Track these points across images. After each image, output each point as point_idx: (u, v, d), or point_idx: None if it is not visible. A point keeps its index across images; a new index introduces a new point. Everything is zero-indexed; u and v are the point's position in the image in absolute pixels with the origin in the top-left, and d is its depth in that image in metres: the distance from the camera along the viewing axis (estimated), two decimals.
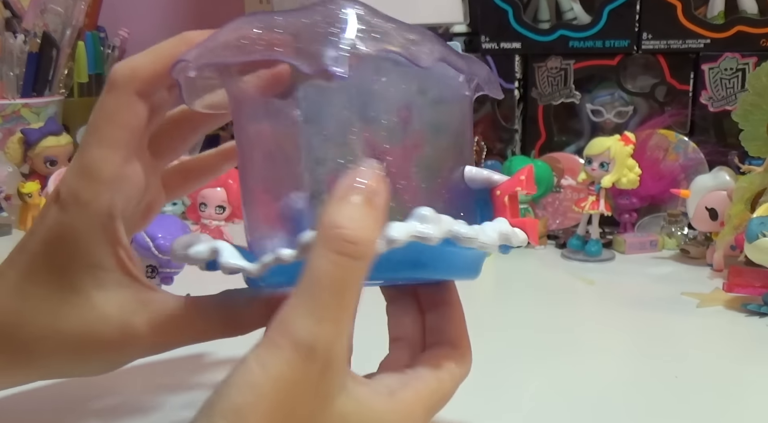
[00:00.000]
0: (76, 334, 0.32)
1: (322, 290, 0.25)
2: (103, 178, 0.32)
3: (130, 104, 0.32)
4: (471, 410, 0.40)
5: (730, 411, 0.43)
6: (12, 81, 0.95)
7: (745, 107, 0.65)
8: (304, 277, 0.26)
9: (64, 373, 0.36)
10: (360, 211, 0.26)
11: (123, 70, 0.32)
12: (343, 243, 0.25)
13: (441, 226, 0.28)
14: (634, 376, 0.48)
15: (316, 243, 0.26)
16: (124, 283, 0.33)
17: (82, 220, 0.32)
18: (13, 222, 0.83)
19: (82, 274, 0.32)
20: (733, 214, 0.65)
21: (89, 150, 0.32)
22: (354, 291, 0.26)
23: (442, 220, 0.28)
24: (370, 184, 0.27)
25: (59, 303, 0.32)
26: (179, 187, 0.40)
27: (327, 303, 0.25)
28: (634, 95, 0.84)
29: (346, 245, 0.25)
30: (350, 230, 0.25)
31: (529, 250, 0.75)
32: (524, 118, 0.88)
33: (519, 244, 0.31)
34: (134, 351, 0.34)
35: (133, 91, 0.32)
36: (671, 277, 0.68)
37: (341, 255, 0.25)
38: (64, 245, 0.32)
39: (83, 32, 1.06)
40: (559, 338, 0.54)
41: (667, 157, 0.78)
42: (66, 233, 0.32)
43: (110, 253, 0.32)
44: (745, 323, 0.56)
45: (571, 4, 0.85)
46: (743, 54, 0.77)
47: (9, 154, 0.82)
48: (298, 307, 0.25)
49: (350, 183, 0.27)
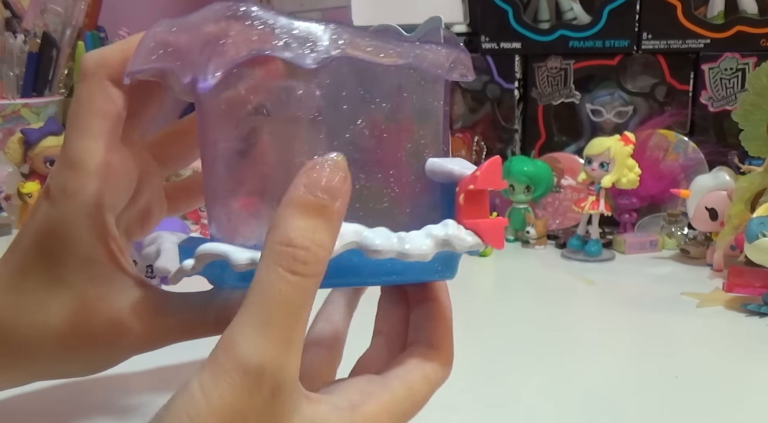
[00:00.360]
0: (68, 329, 0.32)
1: (271, 309, 0.24)
2: (88, 168, 0.31)
3: (103, 91, 0.31)
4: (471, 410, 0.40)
5: (730, 411, 0.43)
6: (12, 81, 0.95)
7: (745, 107, 0.65)
8: (252, 292, 0.24)
9: (61, 371, 0.35)
10: (313, 224, 0.24)
11: (93, 57, 0.32)
12: (293, 261, 0.24)
13: (342, 238, 0.26)
14: (634, 375, 0.48)
15: (264, 256, 0.24)
16: (117, 277, 0.32)
17: (70, 212, 0.31)
18: (13, 222, 0.83)
19: (72, 268, 0.32)
20: (733, 214, 0.65)
21: (71, 141, 0.32)
22: (306, 308, 0.24)
23: (342, 233, 0.26)
24: (326, 186, 0.24)
25: (51, 298, 0.32)
26: (182, 201, 0.40)
27: (277, 321, 0.24)
28: (634, 95, 0.84)
29: (297, 264, 0.24)
30: (302, 250, 0.24)
31: (529, 250, 0.75)
32: (524, 118, 0.88)
33: (468, 250, 0.28)
34: (127, 347, 0.33)
35: (104, 78, 0.31)
36: (671, 277, 0.68)
37: (292, 273, 0.24)
38: (54, 239, 0.32)
39: (83, 32, 1.06)
40: (559, 338, 0.54)
41: (667, 157, 0.78)
42: (56, 227, 0.32)
43: (101, 246, 0.32)
44: (745, 323, 0.56)
45: (571, 4, 0.85)
46: (743, 54, 0.77)
47: (9, 154, 0.82)
48: (245, 326, 0.24)
49: (305, 184, 0.24)
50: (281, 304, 0.24)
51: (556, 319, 0.58)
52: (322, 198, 0.24)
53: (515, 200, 0.77)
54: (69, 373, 0.36)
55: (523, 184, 0.76)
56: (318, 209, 0.24)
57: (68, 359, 0.33)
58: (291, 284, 0.24)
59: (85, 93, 0.32)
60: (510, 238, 0.77)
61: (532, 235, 0.75)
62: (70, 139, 0.32)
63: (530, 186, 0.76)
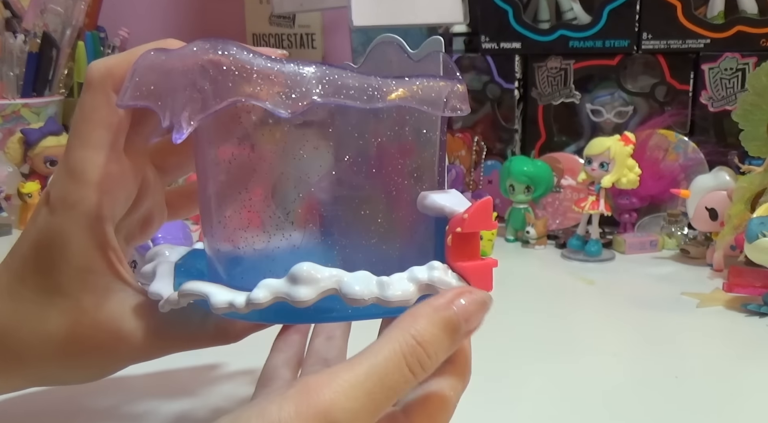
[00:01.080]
0: (66, 338, 0.32)
1: (376, 386, 0.25)
2: (89, 180, 0.31)
3: (108, 102, 0.31)
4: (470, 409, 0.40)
5: (730, 411, 0.43)
6: (12, 81, 0.95)
7: (745, 107, 0.66)
8: (368, 359, 0.25)
9: (59, 378, 0.35)
10: (443, 339, 0.26)
11: (98, 68, 0.32)
12: (416, 361, 0.26)
13: (317, 285, 0.26)
14: (634, 375, 0.48)
15: (394, 335, 0.26)
16: (115, 287, 0.32)
17: (70, 222, 0.31)
18: (13, 222, 0.83)
19: (71, 277, 0.32)
20: (733, 214, 0.65)
21: (73, 151, 0.32)
22: (396, 397, 0.26)
23: (318, 279, 0.27)
24: (470, 318, 0.27)
25: (49, 307, 0.32)
26: (183, 207, 0.40)
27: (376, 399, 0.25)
28: (634, 95, 0.84)
29: (417, 365, 0.26)
30: (426, 356, 0.26)
31: (529, 250, 0.75)
32: (524, 118, 0.88)
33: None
34: (126, 357, 0.33)
35: (109, 89, 0.31)
36: (671, 277, 0.68)
37: (410, 370, 0.26)
38: (53, 248, 0.32)
39: (83, 32, 1.06)
40: (559, 338, 0.54)
41: (667, 157, 0.78)
42: (55, 236, 0.32)
43: (99, 256, 0.32)
44: (745, 323, 0.56)
45: (571, 4, 0.85)
46: (743, 54, 0.77)
47: (9, 154, 0.82)
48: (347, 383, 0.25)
49: (457, 304, 0.27)
50: (388, 389, 0.25)
51: (555, 319, 0.58)
52: (462, 325, 0.27)
53: (515, 200, 0.77)
54: (66, 380, 0.36)
55: (523, 184, 0.76)
56: (455, 331, 0.27)
57: (65, 367, 0.33)
58: (404, 377, 0.25)
59: (89, 103, 0.32)
60: (510, 238, 0.77)
61: (532, 235, 0.75)
62: (72, 149, 0.32)
63: (530, 186, 0.76)
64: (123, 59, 0.32)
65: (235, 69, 0.26)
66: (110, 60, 0.32)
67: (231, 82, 0.26)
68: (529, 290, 0.65)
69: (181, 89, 0.27)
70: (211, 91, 0.26)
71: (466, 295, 0.27)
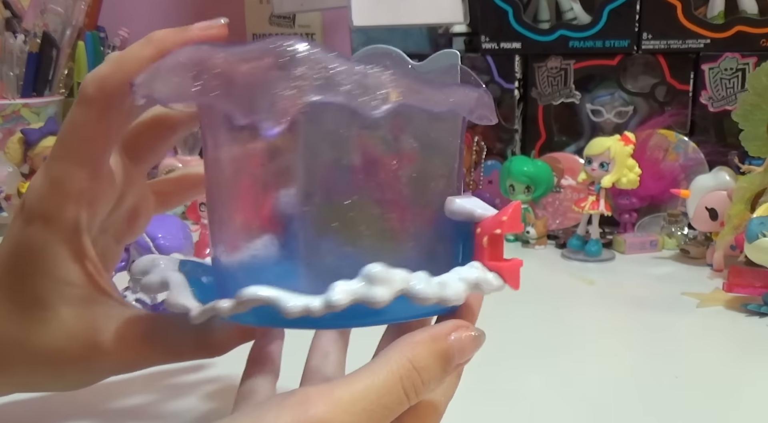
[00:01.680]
0: (44, 349, 0.32)
1: (374, 406, 0.25)
2: (68, 193, 0.31)
3: (99, 118, 0.31)
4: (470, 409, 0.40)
5: (729, 410, 0.43)
6: (12, 81, 0.95)
7: (745, 107, 0.65)
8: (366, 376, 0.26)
9: (40, 387, 0.35)
10: (437, 369, 0.27)
11: (92, 83, 0.31)
12: (411, 386, 0.26)
13: (392, 286, 0.26)
14: (634, 375, 0.48)
15: (394, 357, 0.27)
16: (93, 299, 0.32)
17: (47, 234, 0.31)
18: None
19: (48, 289, 0.31)
20: (733, 214, 0.65)
21: (56, 162, 0.31)
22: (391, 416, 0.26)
23: (392, 280, 0.26)
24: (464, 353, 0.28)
25: (26, 318, 0.32)
26: (173, 195, 0.39)
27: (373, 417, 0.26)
28: (634, 95, 0.84)
29: (411, 390, 0.26)
30: (421, 382, 0.27)
31: (529, 250, 0.75)
32: (524, 118, 0.88)
33: (494, 290, 0.30)
34: (104, 368, 0.33)
35: (102, 106, 0.31)
36: (671, 277, 0.68)
37: (405, 393, 0.26)
38: (30, 259, 0.31)
39: (83, 32, 1.06)
40: (559, 338, 0.54)
41: (667, 157, 0.78)
42: (32, 246, 0.31)
43: (77, 269, 0.31)
44: (745, 323, 0.56)
45: (571, 4, 0.85)
46: (743, 54, 0.77)
47: (9, 154, 0.82)
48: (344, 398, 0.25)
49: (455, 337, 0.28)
50: (384, 407, 0.26)
51: (555, 319, 0.58)
52: (456, 357, 0.28)
53: (515, 200, 0.77)
54: (53, 387, 0.35)
55: (523, 184, 0.76)
56: (448, 362, 0.28)
57: (47, 377, 0.33)
58: (399, 399, 0.26)
59: (80, 118, 0.31)
60: (510, 238, 0.77)
61: (532, 235, 0.75)
62: (56, 159, 0.31)
63: (530, 186, 0.76)
64: (114, 70, 0.31)
65: (319, 66, 0.26)
66: (104, 74, 0.31)
67: (318, 80, 0.26)
68: (529, 290, 0.65)
69: (263, 85, 0.26)
70: (298, 88, 0.26)
71: (462, 329, 0.28)
